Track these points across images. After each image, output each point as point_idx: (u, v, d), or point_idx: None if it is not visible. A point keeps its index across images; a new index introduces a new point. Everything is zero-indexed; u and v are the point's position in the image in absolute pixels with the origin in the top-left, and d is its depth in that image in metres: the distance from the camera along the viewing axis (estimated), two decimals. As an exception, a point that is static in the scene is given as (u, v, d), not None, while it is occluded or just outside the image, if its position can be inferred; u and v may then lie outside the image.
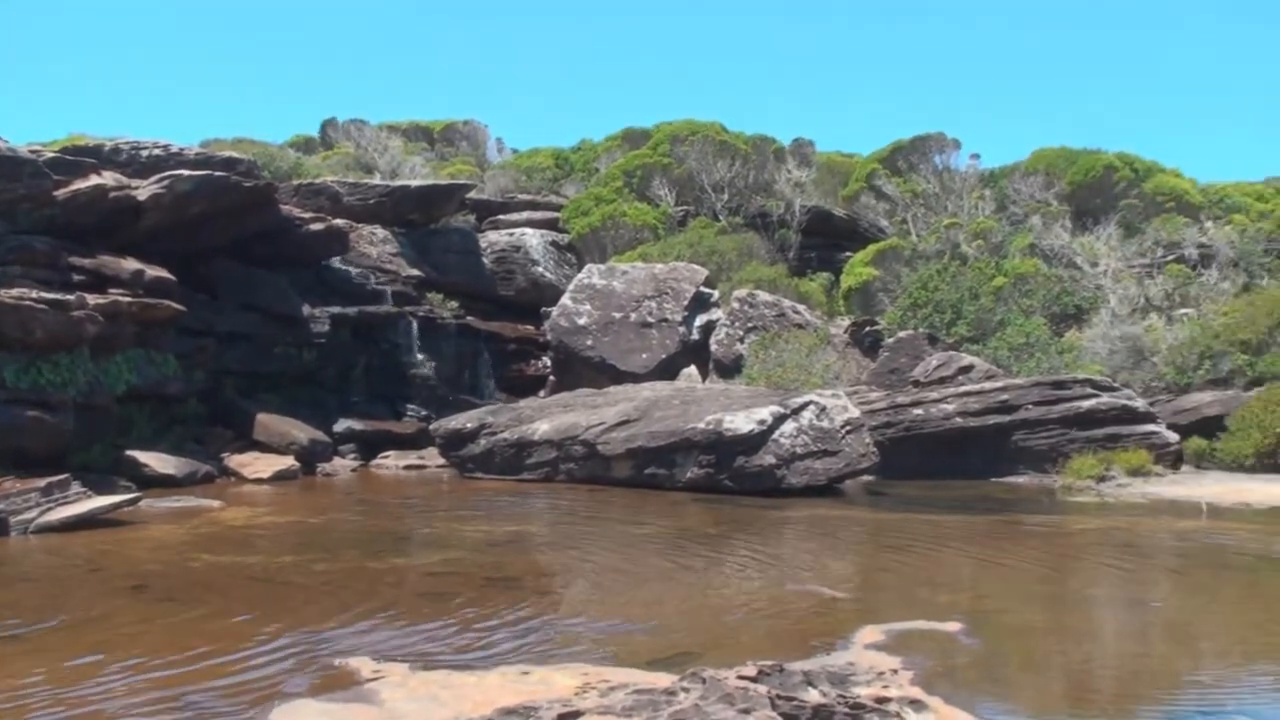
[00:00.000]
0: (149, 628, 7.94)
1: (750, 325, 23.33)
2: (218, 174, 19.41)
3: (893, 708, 5.73)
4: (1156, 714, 6.54)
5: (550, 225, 29.09)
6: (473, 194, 29.41)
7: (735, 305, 23.77)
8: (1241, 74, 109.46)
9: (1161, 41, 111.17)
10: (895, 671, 6.67)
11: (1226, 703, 6.73)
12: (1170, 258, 26.56)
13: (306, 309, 20.74)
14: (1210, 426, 19.40)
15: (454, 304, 24.83)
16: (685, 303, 23.73)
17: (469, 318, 24.93)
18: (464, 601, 8.75)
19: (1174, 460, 18.85)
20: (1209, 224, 29.17)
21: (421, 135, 38.54)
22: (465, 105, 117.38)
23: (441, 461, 19.10)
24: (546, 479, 17.38)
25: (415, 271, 24.73)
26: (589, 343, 23.10)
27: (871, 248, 27.77)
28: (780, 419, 16.40)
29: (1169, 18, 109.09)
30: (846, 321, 25.10)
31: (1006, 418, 18.70)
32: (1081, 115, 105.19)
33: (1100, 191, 30.74)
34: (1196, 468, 19.05)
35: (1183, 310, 23.86)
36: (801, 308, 24.39)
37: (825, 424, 16.58)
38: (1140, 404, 19.24)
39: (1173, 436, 18.90)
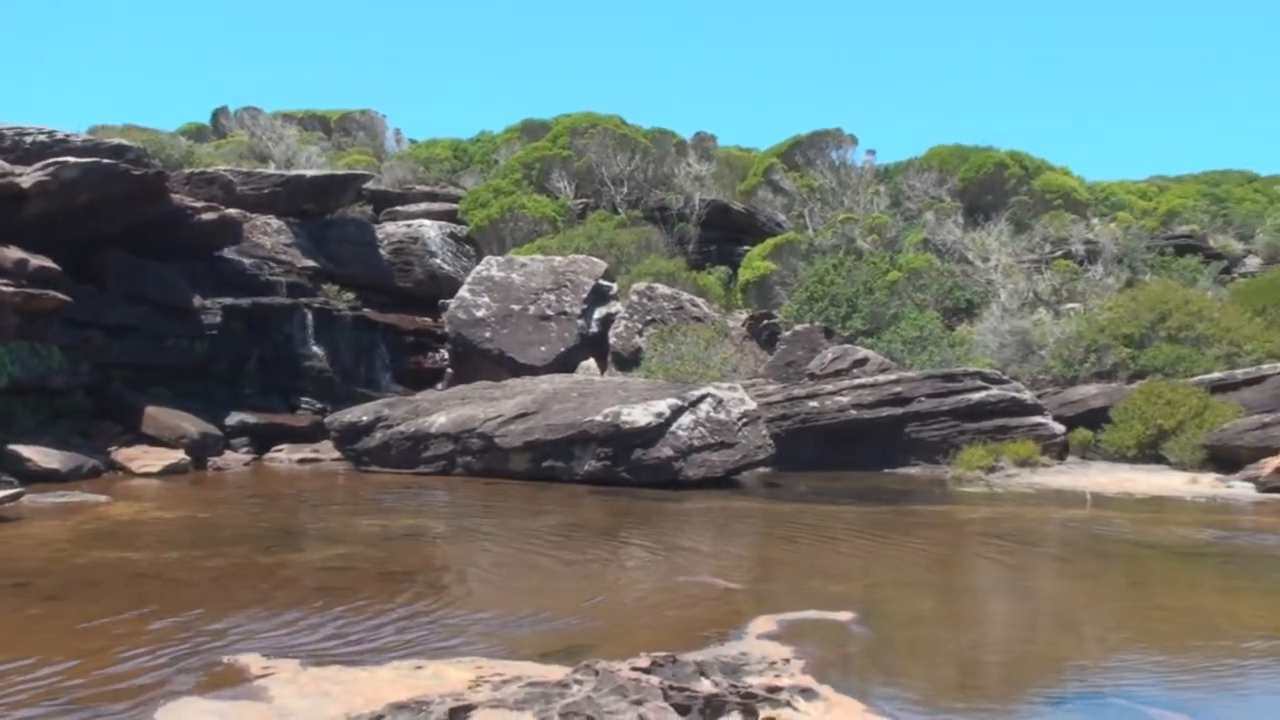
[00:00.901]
0: (31, 627, 7.73)
1: (649, 318, 23.42)
2: (106, 161, 18.88)
3: (784, 696, 5.80)
4: (1040, 698, 6.70)
5: (449, 217, 28.89)
6: (370, 185, 29.03)
7: (634, 298, 23.83)
8: (1127, 75, 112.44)
9: (1053, 42, 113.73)
10: (787, 661, 6.75)
11: (1105, 686, 6.93)
12: (1058, 253, 27.23)
13: (198, 300, 20.33)
14: (1095, 418, 19.92)
15: (350, 296, 24.54)
16: (584, 295, 23.73)
17: (365, 309, 24.64)
18: (358, 596, 8.66)
19: (1060, 451, 19.34)
20: (1095, 221, 29.98)
21: (318, 124, 38.01)
22: (363, 95, 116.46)
23: (336, 455, 18.84)
24: (444, 472, 17.26)
25: (311, 263, 24.37)
26: (487, 335, 23.01)
27: (769, 242, 28.03)
28: (678, 411, 16.49)
29: (1059, 19, 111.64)
30: (744, 315, 25.31)
31: (900, 410, 19.01)
32: (975, 113, 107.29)
33: (992, 188, 31.40)
34: (1082, 458, 19.54)
35: (1069, 305, 24.46)
36: (700, 301, 24.54)
37: (722, 416, 16.71)
38: (1028, 396, 19.68)
39: (1059, 428, 19.38)
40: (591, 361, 23.04)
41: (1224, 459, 18.05)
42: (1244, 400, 19.34)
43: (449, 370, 23.98)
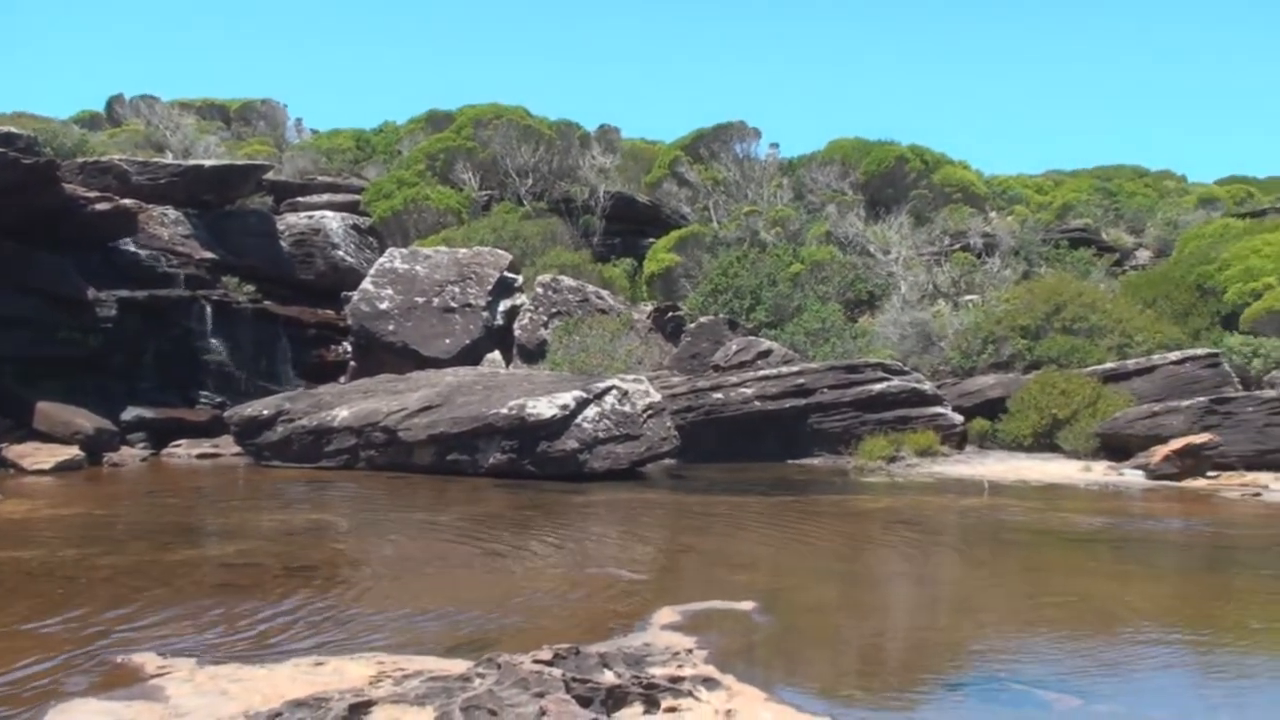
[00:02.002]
0: (-84, 629, 7.52)
1: (554, 310, 23.38)
2: (-6, 149, 18.38)
3: (686, 686, 5.85)
4: (938, 684, 6.83)
5: (351, 208, 28.55)
6: (270, 175, 28.58)
7: (539, 290, 23.77)
8: (1025, 71, 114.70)
9: (951, 39, 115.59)
10: (690, 651, 6.80)
11: (1000, 671, 7.09)
12: (957, 246, 27.68)
13: (92, 292, 19.83)
14: (993, 408, 20.31)
15: (251, 288, 24.11)
16: (489, 288, 23.62)
17: (266, 302, 24.22)
18: (257, 593, 8.54)
19: (959, 440, 19.70)
20: (993, 214, 30.58)
21: (217, 114, 37.36)
22: (263, 84, 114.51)
23: (237, 450, 18.53)
24: (347, 466, 17.07)
25: (209, 254, 23.89)
26: (391, 328, 22.80)
27: (674, 234, 28.14)
28: (583, 404, 16.49)
29: (959, 17, 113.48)
30: (649, 307, 25.37)
31: (803, 401, 19.20)
32: (877, 108, 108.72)
33: (893, 182, 31.85)
34: (980, 447, 19.92)
35: (968, 297, 24.91)
36: (605, 293, 24.56)
37: (627, 408, 16.75)
38: (928, 387, 20.00)
39: (958, 418, 19.73)
40: (497, 354, 22.94)
41: (1116, 447, 18.53)
42: (1135, 390, 19.86)
43: (352, 363, 23.71)
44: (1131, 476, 17.34)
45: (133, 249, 22.12)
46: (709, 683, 6.02)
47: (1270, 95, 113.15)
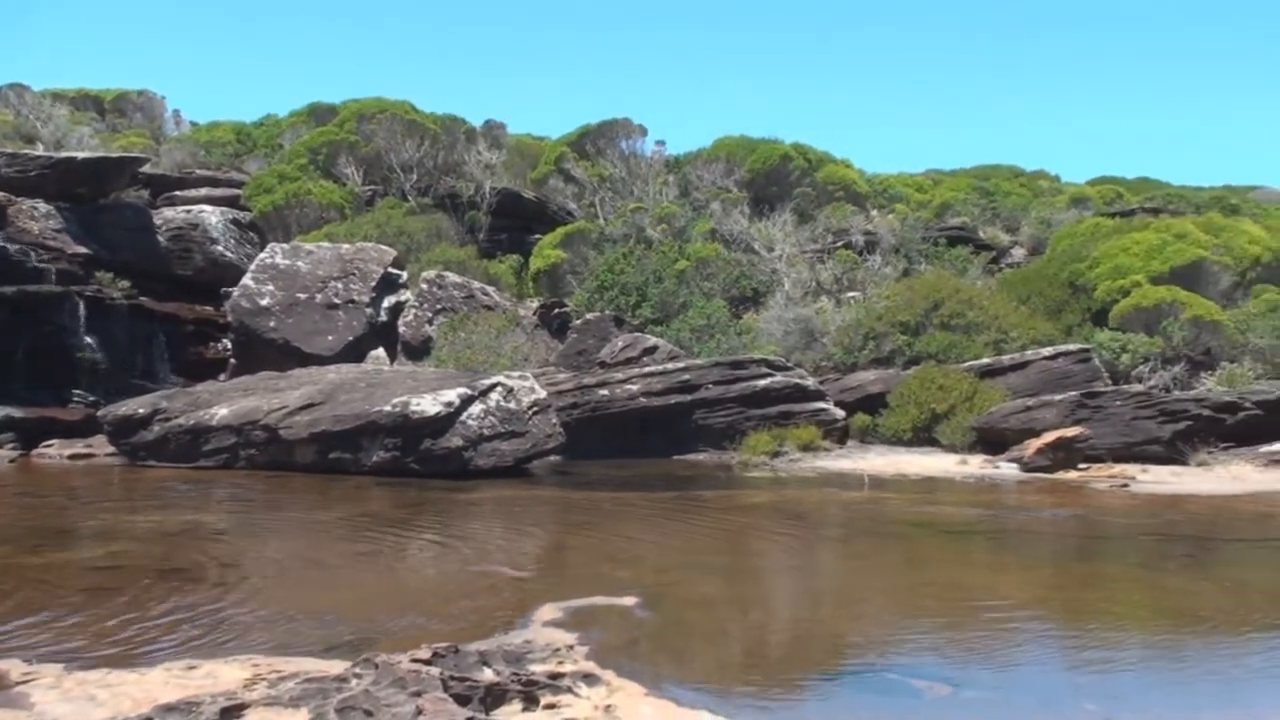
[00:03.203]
0: None
1: (439, 307, 23.21)
2: None
3: (566, 683, 5.86)
4: (817, 675, 6.94)
5: (231, 203, 27.98)
6: (147, 168, 27.86)
7: (424, 287, 23.58)
8: (906, 73, 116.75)
9: (835, 38, 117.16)
10: (571, 647, 6.81)
11: (878, 661, 7.23)
12: (839, 244, 28.07)
13: (-43, 288, 19.20)
14: (874, 403, 20.65)
15: (126, 284, 23.48)
16: (373, 284, 23.36)
17: (143, 298, 23.61)
18: (129, 596, 8.34)
19: (841, 435, 19.99)
20: (874, 212, 31.07)
21: (91, 105, 36.37)
22: (140, 74, 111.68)
23: (111, 450, 18.03)
24: (226, 466, 16.74)
25: (82, 249, 23.24)
26: (272, 324, 22.42)
27: (560, 230, 28.10)
28: (468, 401, 16.40)
29: (841, 17, 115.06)
30: (535, 303, 25.33)
31: (688, 397, 19.32)
32: (761, 106, 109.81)
33: (777, 180, 32.18)
34: (861, 442, 20.23)
35: (850, 294, 25.29)
36: (491, 289, 24.46)
37: (512, 405, 16.70)
38: (811, 383, 20.26)
39: (840, 413, 20.02)
40: (381, 351, 22.70)
41: (992, 441, 18.98)
42: (1010, 385, 20.37)
43: (232, 361, 23.25)
44: (1007, 469, 17.77)
45: (1, 243, 21.43)
46: (589, 679, 6.04)
47: (1138, 100, 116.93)
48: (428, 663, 5.61)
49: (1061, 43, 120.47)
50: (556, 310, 24.33)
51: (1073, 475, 17.32)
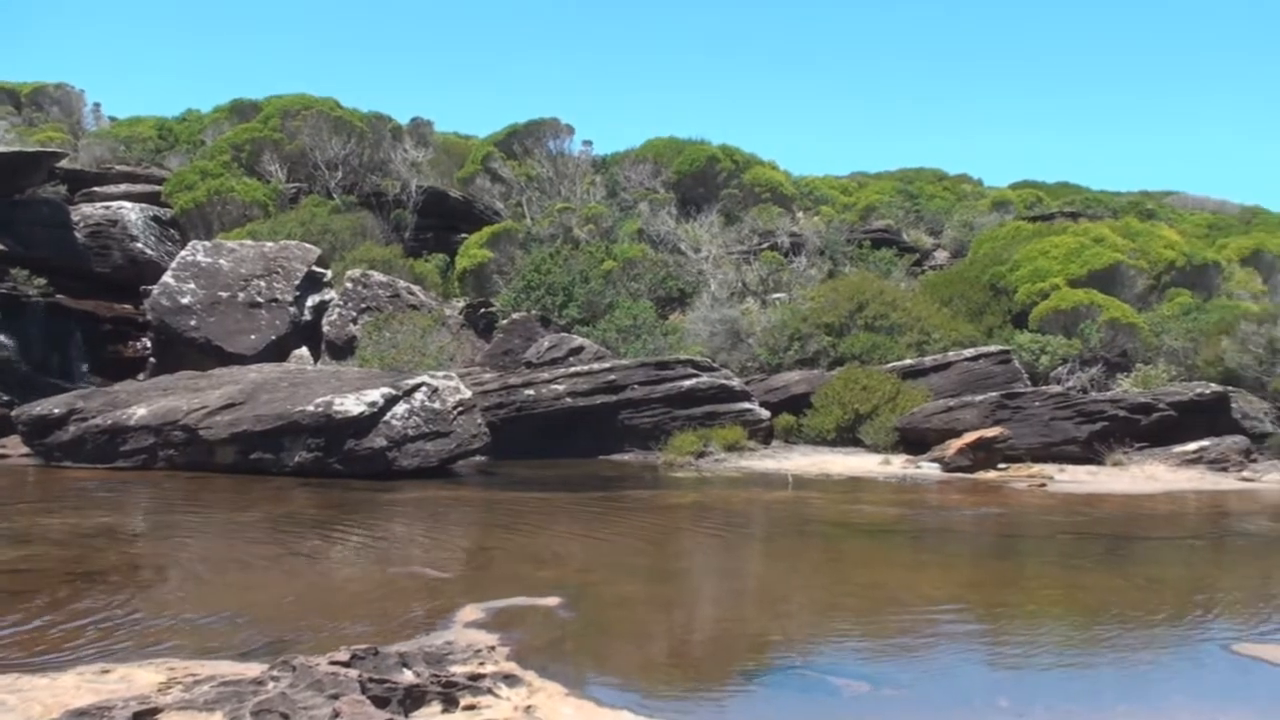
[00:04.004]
0: None
1: (364, 306, 23.02)
2: None
3: (486, 684, 5.85)
4: (737, 674, 6.99)
5: (152, 199, 27.47)
6: (64, 163, 27.27)
7: (349, 285, 23.37)
8: (832, 76, 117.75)
9: (762, 41, 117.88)
10: (493, 648, 6.79)
11: (798, 660, 7.30)
12: (765, 245, 28.24)
13: None
14: (798, 404, 20.81)
15: (42, 281, 22.98)
16: (297, 282, 23.10)
17: (59, 296, 23.13)
18: (42, 599, 8.18)
19: (766, 435, 20.12)
20: (800, 214, 31.27)
21: (6, 98, 35.53)
22: (58, 67, 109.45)
23: (26, 451, 17.66)
24: (144, 467, 16.47)
25: (-4, 245, 22.76)
26: (193, 323, 22.08)
27: (486, 230, 27.96)
28: (392, 401, 16.29)
29: (768, 18, 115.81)
30: (461, 303, 25.23)
31: (614, 397, 19.34)
32: (689, 108, 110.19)
33: (704, 181, 32.30)
34: (786, 442, 20.38)
35: (775, 295, 25.46)
36: (416, 289, 24.30)
37: (437, 405, 16.61)
38: (737, 383, 20.37)
39: (765, 413, 20.15)
40: (304, 350, 22.47)
41: (914, 441, 19.22)
42: (932, 385, 20.63)
43: (152, 360, 22.87)
44: (928, 469, 18.00)
45: (-89, 240, 20.94)
46: (510, 679, 6.03)
47: (1059, 106, 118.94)
48: (346, 665, 5.57)
49: (984, 50, 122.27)
50: (483, 310, 24.24)
51: (992, 475, 17.58)
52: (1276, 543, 13.10)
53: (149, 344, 23.39)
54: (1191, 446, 18.92)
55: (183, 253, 23.67)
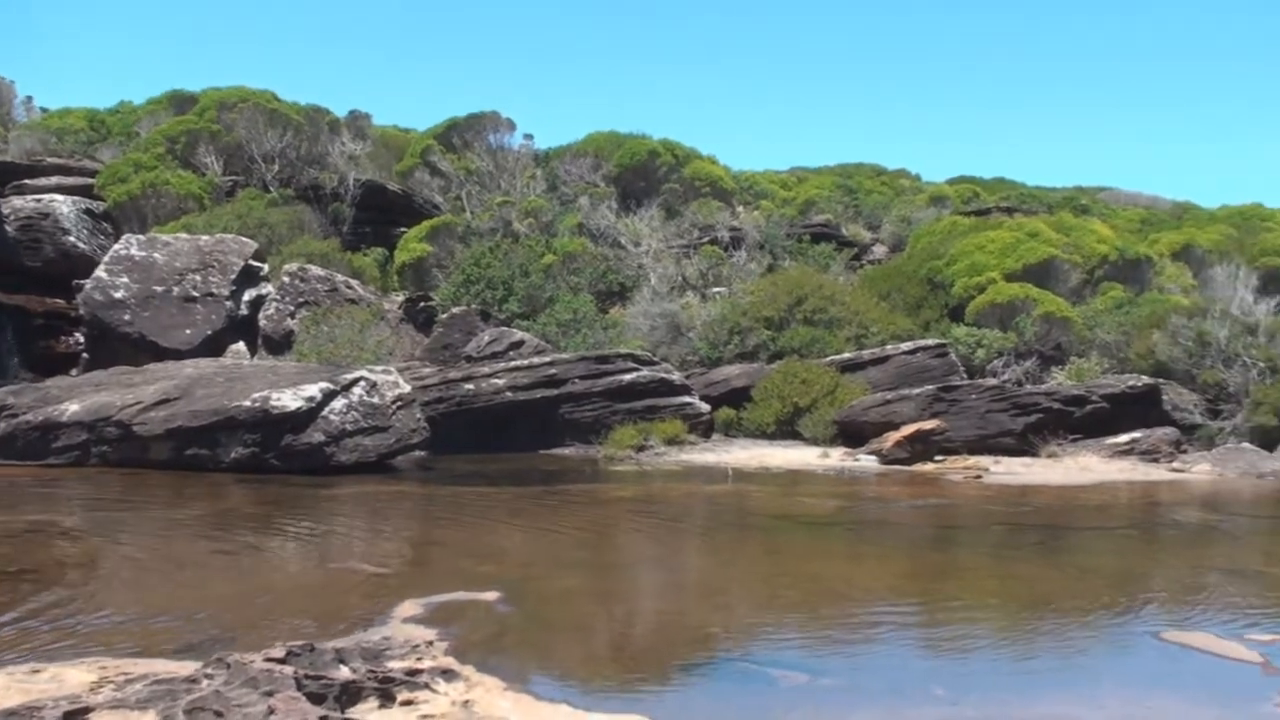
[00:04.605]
0: None
1: (301, 300, 22.82)
2: None
3: (423, 679, 5.83)
4: (676, 667, 7.01)
5: (84, 192, 27.05)
6: (-6, 156, 26.89)
7: (286, 280, 23.15)
8: (772, 71, 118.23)
9: (702, 35, 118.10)
10: (431, 643, 6.78)
11: (736, 652, 7.34)
12: (705, 239, 28.28)
13: None
14: (738, 397, 20.88)
15: (-29, 276, 22.66)
16: (233, 276, 22.85)
17: (-11, 291, 22.79)
18: (-30, 599, 8.05)
19: (706, 429, 20.17)
20: (740, 209, 31.38)
21: (-68, 89, 34.85)
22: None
23: (-46, 448, 17.35)
24: (77, 464, 16.21)
25: (-77, 239, 22.34)
26: (127, 318, 21.78)
27: (426, 224, 27.80)
28: (330, 395, 16.16)
29: (710, 14, 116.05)
30: (400, 297, 25.09)
31: (554, 391, 19.31)
32: (630, 102, 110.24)
33: (645, 175, 32.31)
34: (726, 435, 20.45)
35: (715, 289, 25.52)
36: (355, 283, 24.12)
37: (376, 400, 16.50)
38: (677, 377, 20.40)
39: (705, 407, 20.20)
40: (241, 345, 22.24)
41: (853, 434, 19.36)
42: (870, 379, 20.79)
43: (85, 355, 22.54)
44: (866, 461, 18.15)
45: None
46: (448, 674, 6.02)
47: (995, 102, 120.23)
48: (282, 661, 5.53)
49: (922, 46, 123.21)
50: (422, 304, 24.12)
51: (929, 467, 17.76)
52: (1205, 533, 13.35)
53: (82, 339, 23.04)
54: (1124, 438, 19.23)
55: (116, 246, 23.34)
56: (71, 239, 25.18)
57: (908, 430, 18.19)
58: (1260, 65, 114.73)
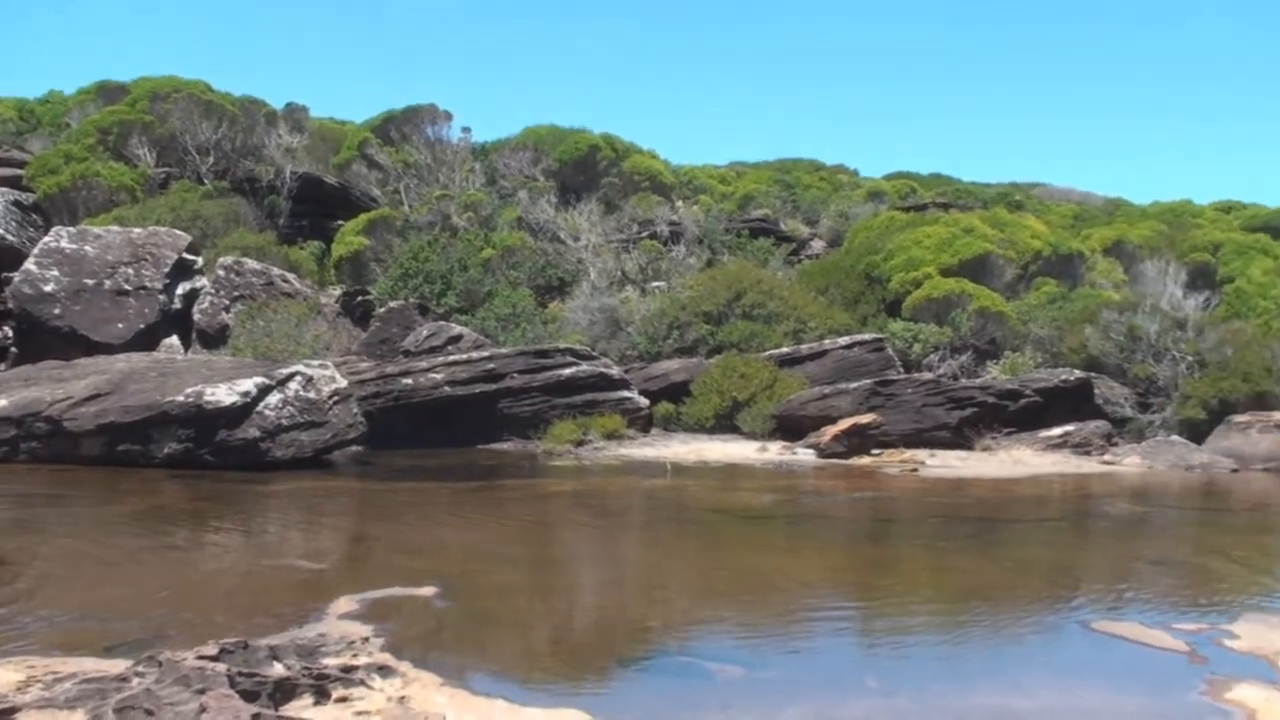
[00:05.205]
0: None
1: (237, 294, 22.55)
2: None
3: (359, 675, 5.80)
4: (612, 661, 7.03)
5: (13, 183, 26.53)
6: (-81, 146, 26.33)
7: (221, 273, 22.85)
8: (712, 67, 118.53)
9: (642, 29, 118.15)
10: (367, 640, 6.75)
11: (673, 646, 7.37)
12: (645, 234, 28.28)
13: None
14: (677, 392, 20.91)
15: (-106, 269, 22.18)
16: (166, 270, 22.52)
17: (-86, 284, 22.31)
18: (-105, 599, 7.90)
19: (645, 423, 20.19)
20: (679, 203, 31.42)
21: None
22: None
23: (-122, 444, 16.98)
24: (5, 460, 15.88)
25: None
26: (57, 311, 21.40)
27: (363, 217, 27.58)
28: (265, 390, 15.99)
29: (649, 8, 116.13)
30: (338, 291, 24.86)
31: (493, 386, 19.22)
32: (570, 96, 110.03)
33: (584, 169, 32.28)
34: (665, 430, 20.48)
35: (655, 283, 25.54)
36: (291, 276, 23.86)
37: (312, 395, 16.36)
38: (616, 371, 20.39)
39: (644, 401, 20.21)
40: (175, 339, 21.93)
41: (791, 428, 19.46)
42: (808, 373, 20.91)
43: (13, 350, 22.10)
44: (804, 455, 18.25)
45: None
46: (384, 670, 5.99)
47: (932, 99, 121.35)
48: (214, 659, 5.47)
49: (860, 43, 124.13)
50: (359, 298, 23.93)
51: (866, 461, 17.90)
52: (1135, 524, 13.59)
53: (10, 333, 22.60)
54: (1057, 431, 19.50)
55: (46, 239, 22.92)
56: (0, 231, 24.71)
57: (845, 424, 18.32)
58: (1190, 66, 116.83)
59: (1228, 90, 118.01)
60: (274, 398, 15.99)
